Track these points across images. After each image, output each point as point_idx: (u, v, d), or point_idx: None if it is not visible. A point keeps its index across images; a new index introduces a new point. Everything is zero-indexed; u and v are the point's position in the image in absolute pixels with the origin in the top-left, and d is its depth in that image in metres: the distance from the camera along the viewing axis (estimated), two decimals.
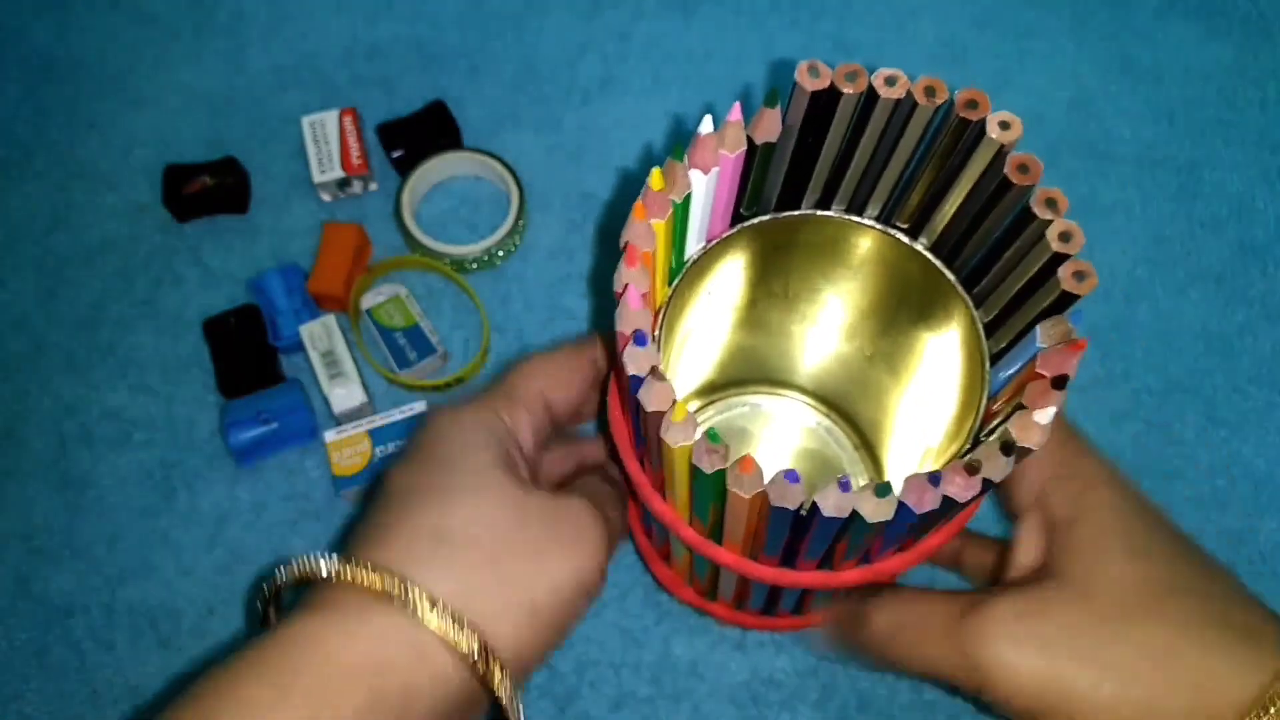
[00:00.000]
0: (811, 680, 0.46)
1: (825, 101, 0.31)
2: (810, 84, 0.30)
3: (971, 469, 0.28)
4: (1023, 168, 0.30)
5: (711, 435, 0.28)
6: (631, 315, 0.30)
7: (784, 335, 0.43)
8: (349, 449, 0.47)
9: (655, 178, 0.30)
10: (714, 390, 0.46)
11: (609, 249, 0.54)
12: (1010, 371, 0.32)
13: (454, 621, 0.30)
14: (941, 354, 0.37)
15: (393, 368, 0.50)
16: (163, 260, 0.53)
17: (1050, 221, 0.30)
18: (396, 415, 0.48)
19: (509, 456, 0.35)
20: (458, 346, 0.51)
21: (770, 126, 0.31)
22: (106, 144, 0.55)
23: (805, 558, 0.33)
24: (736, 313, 0.41)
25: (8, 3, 0.59)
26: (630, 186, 0.55)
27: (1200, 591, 0.31)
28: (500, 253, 0.52)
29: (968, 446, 0.33)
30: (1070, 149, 0.56)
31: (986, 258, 0.33)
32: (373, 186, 0.54)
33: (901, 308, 0.38)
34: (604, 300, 0.52)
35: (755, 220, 0.35)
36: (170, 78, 0.57)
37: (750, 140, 0.31)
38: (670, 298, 0.35)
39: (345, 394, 0.48)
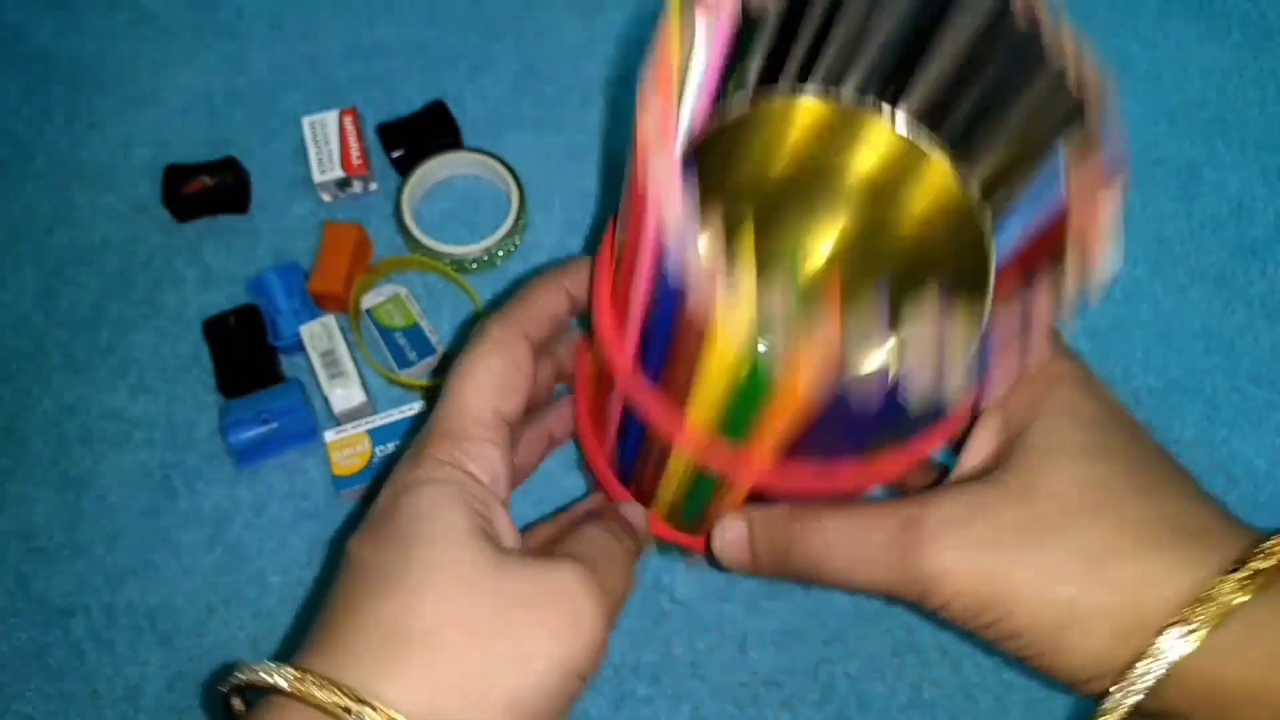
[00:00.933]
0: (811, 680, 0.46)
1: None
2: None
3: (1058, 289, 0.25)
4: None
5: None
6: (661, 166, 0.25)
7: (774, 203, 0.40)
8: (349, 449, 0.47)
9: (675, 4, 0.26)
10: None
11: None
12: (1018, 235, 0.29)
13: None
14: (939, 227, 0.34)
15: (393, 368, 0.50)
16: (163, 260, 0.53)
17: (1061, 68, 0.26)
18: (396, 415, 0.48)
19: (477, 516, 0.31)
20: (457, 346, 0.51)
21: None
22: (106, 144, 0.55)
23: (840, 453, 0.30)
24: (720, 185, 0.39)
25: (8, 3, 0.59)
26: None
27: (1151, 491, 0.30)
28: (500, 253, 0.52)
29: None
30: None
31: (971, 119, 0.30)
32: (373, 186, 0.54)
33: (891, 183, 0.35)
34: None
35: (736, 111, 0.32)
36: (170, 78, 0.57)
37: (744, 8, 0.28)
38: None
39: (345, 394, 0.48)
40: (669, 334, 0.28)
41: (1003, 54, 0.29)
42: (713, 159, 0.33)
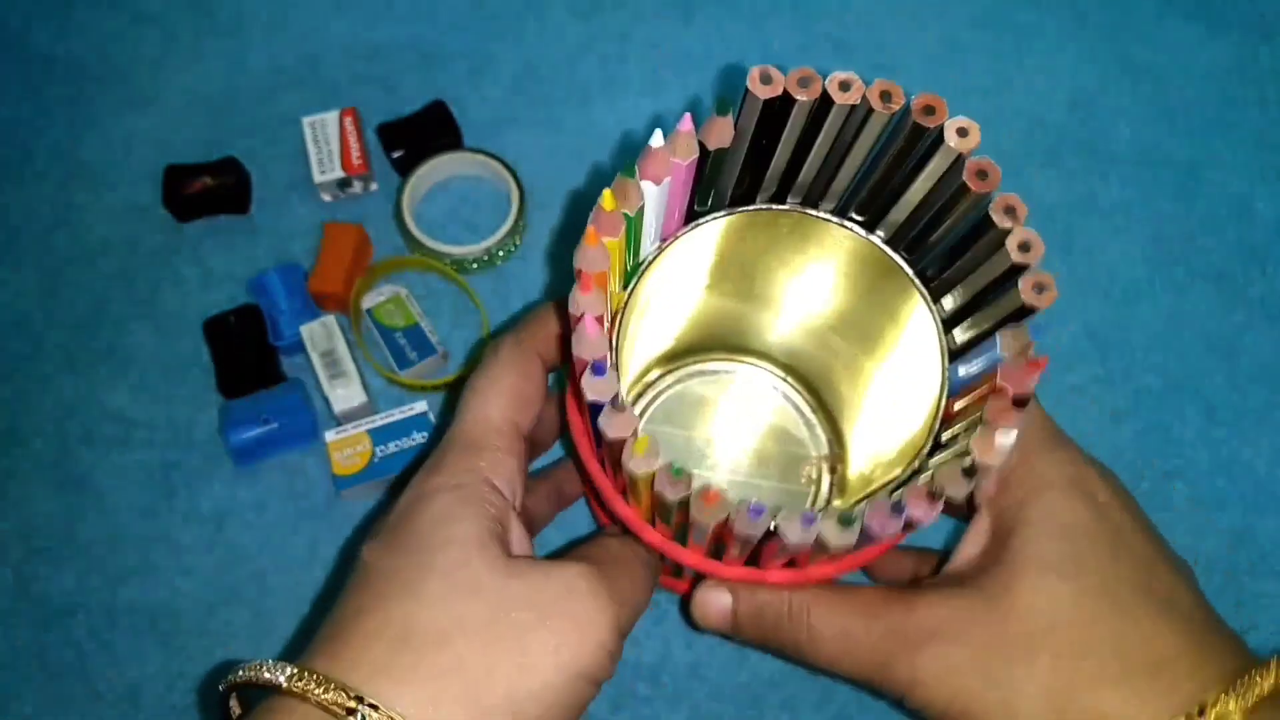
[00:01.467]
0: (811, 681, 0.46)
1: (779, 107, 0.30)
2: (763, 92, 0.29)
3: (934, 494, 0.27)
4: (981, 174, 0.29)
5: (675, 471, 0.28)
6: (589, 343, 0.29)
7: (743, 314, 0.43)
8: (349, 449, 0.47)
9: (606, 198, 0.29)
10: (674, 358, 0.45)
11: None
12: (972, 371, 0.32)
13: None
14: (902, 342, 0.37)
15: (393, 368, 0.50)
16: (163, 260, 0.53)
17: (1009, 230, 0.29)
18: (397, 415, 0.48)
19: (491, 525, 0.31)
20: (458, 346, 0.51)
21: (722, 133, 0.31)
22: (106, 144, 0.55)
23: (771, 560, 0.33)
24: (695, 295, 0.41)
25: (8, 3, 0.59)
26: None
27: (1124, 613, 0.31)
28: (500, 253, 0.52)
29: (927, 448, 0.33)
30: (1070, 149, 0.56)
31: (947, 255, 0.33)
32: (373, 187, 0.54)
33: (862, 295, 0.38)
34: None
35: (709, 218, 0.35)
36: (170, 78, 0.57)
37: (703, 146, 0.31)
38: (626, 300, 0.34)
39: (345, 394, 0.48)
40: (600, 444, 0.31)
41: (960, 207, 0.31)
42: (696, 251, 0.36)
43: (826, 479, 0.42)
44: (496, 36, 0.58)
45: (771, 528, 0.28)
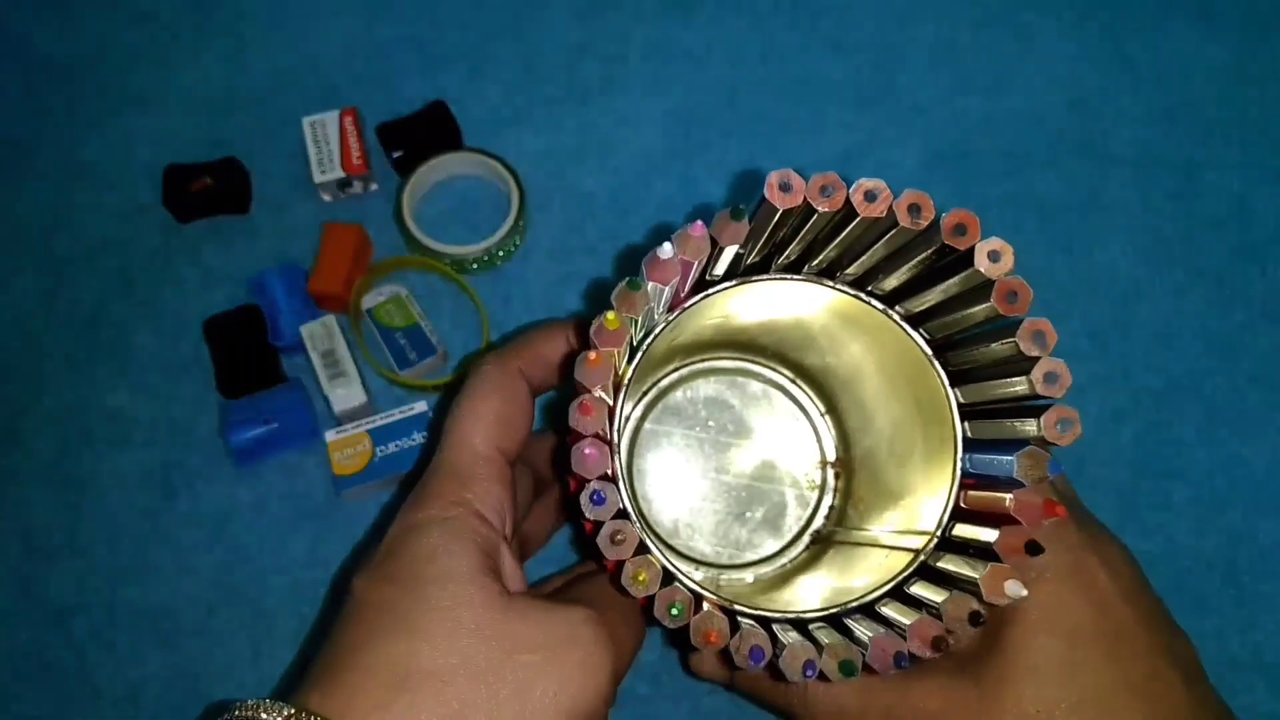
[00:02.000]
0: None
1: (800, 214, 0.28)
2: (782, 201, 0.27)
3: (938, 646, 0.28)
4: (1011, 295, 0.27)
5: (675, 612, 0.27)
6: (589, 467, 0.28)
7: (761, 369, 0.43)
8: (350, 449, 0.47)
9: (610, 320, 0.28)
10: (684, 353, 0.44)
11: (609, 249, 0.54)
12: (986, 471, 0.31)
13: None
14: (918, 417, 0.36)
15: (393, 368, 0.50)
16: (163, 260, 0.53)
17: (1037, 358, 0.27)
18: (397, 415, 0.48)
19: (483, 559, 0.30)
20: (458, 346, 0.51)
21: (735, 234, 0.29)
22: (106, 144, 0.55)
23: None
24: (708, 357, 0.40)
25: (8, 3, 0.59)
26: (629, 189, 0.55)
27: None
28: (500, 253, 0.52)
29: (935, 540, 0.32)
30: (1070, 149, 0.56)
31: (967, 349, 0.31)
32: (373, 187, 0.54)
33: (880, 369, 0.37)
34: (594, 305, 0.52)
35: (720, 288, 0.33)
36: (170, 78, 0.57)
37: (714, 240, 0.29)
38: (633, 371, 0.33)
39: (345, 394, 0.48)
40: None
41: (985, 313, 0.29)
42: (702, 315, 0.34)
43: (832, 484, 0.42)
44: (496, 36, 0.58)
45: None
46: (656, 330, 0.32)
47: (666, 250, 0.28)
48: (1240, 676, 0.47)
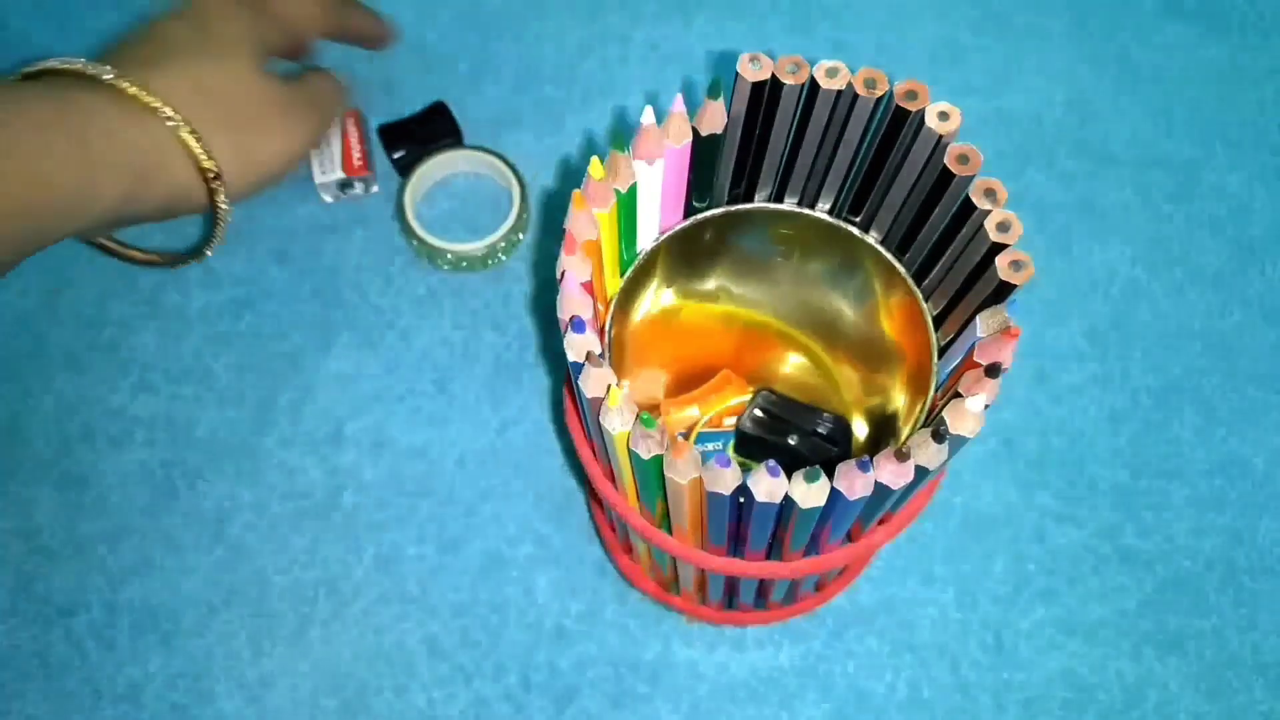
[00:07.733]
0: (811, 680, 0.46)
1: (769, 93, 0.31)
2: (752, 75, 0.30)
3: (901, 456, 0.28)
4: (962, 158, 0.31)
5: (645, 420, 0.28)
6: (571, 301, 0.30)
7: (751, 300, 0.43)
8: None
9: (595, 166, 0.30)
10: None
11: None
12: (955, 363, 0.33)
13: (202, 147, 0.41)
14: (898, 340, 0.37)
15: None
16: None
17: (989, 211, 0.30)
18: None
19: (260, 48, 0.45)
20: (457, 346, 0.52)
21: (714, 118, 0.32)
22: None
23: (752, 547, 0.33)
24: (696, 289, 0.41)
25: (8, 3, 0.59)
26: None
27: None
28: (501, 253, 0.52)
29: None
30: (1069, 149, 0.56)
31: (934, 250, 0.33)
32: (374, 189, 0.54)
33: (858, 293, 0.38)
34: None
35: (707, 213, 0.35)
36: None
37: (696, 132, 0.32)
38: (622, 288, 0.35)
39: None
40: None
41: (944, 198, 0.32)
42: (694, 241, 0.36)
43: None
44: (497, 38, 0.58)
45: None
46: (645, 250, 0.35)
47: (649, 116, 0.31)
48: (1239, 676, 0.47)
